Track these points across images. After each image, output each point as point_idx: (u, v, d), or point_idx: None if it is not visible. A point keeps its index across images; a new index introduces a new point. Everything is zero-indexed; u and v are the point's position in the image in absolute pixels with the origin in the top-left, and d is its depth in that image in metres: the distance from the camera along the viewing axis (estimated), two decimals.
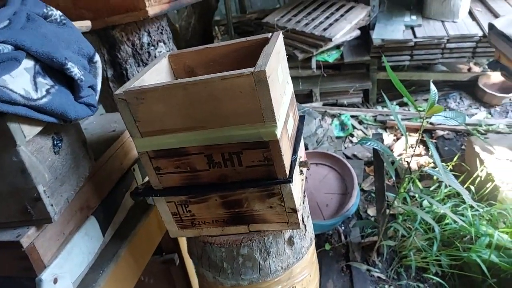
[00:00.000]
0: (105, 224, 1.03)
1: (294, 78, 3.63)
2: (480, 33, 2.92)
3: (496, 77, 3.31)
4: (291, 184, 0.82)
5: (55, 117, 0.76)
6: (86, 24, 0.95)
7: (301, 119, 1.10)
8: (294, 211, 0.87)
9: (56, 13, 0.82)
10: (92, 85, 0.86)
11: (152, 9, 1.22)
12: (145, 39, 1.38)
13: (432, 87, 1.68)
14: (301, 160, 0.98)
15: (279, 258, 0.98)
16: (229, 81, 0.74)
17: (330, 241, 2.35)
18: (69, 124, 0.84)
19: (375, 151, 1.88)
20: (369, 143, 1.79)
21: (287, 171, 0.84)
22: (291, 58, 3.46)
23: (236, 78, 0.73)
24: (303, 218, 0.98)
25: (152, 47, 1.41)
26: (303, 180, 1.04)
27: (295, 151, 0.92)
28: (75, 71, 0.78)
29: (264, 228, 0.93)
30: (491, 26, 2.04)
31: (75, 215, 0.90)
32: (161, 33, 1.42)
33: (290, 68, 3.80)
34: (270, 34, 0.99)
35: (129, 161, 1.17)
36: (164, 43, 1.45)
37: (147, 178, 1.20)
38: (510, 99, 3.24)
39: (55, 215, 0.79)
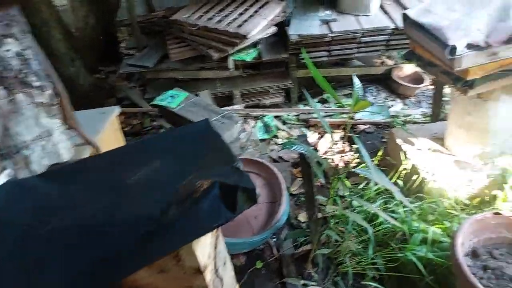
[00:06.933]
0: None
1: (212, 80, 3.37)
2: (392, 26, 2.95)
3: (408, 69, 3.41)
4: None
5: None
6: None
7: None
8: (199, 271, 0.60)
9: None
10: None
11: None
12: None
13: (356, 80, 1.55)
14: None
15: None
16: None
17: (261, 257, 2.14)
18: None
19: (301, 155, 1.70)
20: (294, 147, 1.61)
21: None
22: (206, 58, 3.19)
23: None
24: (217, 270, 0.72)
25: None
26: None
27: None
28: None
29: None
30: (405, 17, 2.00)
31: None
32: (8, 24, 1.04)
33: (206, 69, 3.52)
34: None
35: None
36: (17, 39, 1.07)
37: None
38: (421, 90, 3.36)
39: None
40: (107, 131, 1.64)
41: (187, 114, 2.69)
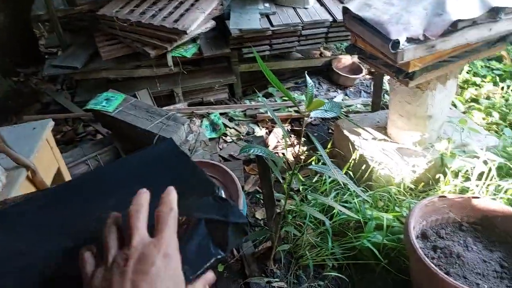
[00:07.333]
0: None
1: (150, 79, 3.17)
2: (331, 19, 3.00)
3: (346, 60, 3.52)
4: None
5: None
6: None
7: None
8: None
9: None
10: None
11: None
12: None
13: (309, 80, 1.53)
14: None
15: None
16: None
17: (222, 260, 2.09)
18: None
19: (259, 157, 1.66)
20: (252, 150, 1.56)
21: None
22: (141, 55, 2.99)
23: None
24: None
25: None
26: None
27: None
28: None
29: None
30: (345, 10, 2.02)
31: None
32: None
33: (143, 67, 3.31)
34: None
35: None
36: None
37: None
38: (360, 80, 3.49)
39: None
40: (42, 150, 1.40)
41: (126, 118, 2.50)
